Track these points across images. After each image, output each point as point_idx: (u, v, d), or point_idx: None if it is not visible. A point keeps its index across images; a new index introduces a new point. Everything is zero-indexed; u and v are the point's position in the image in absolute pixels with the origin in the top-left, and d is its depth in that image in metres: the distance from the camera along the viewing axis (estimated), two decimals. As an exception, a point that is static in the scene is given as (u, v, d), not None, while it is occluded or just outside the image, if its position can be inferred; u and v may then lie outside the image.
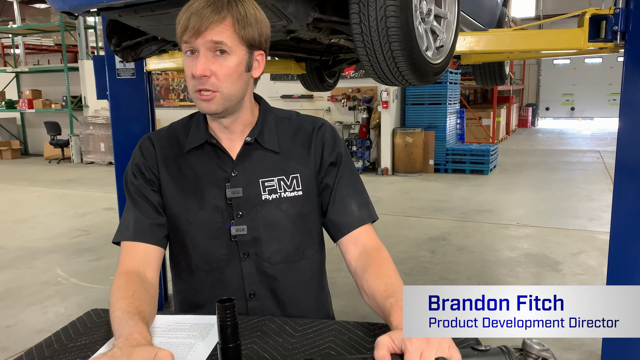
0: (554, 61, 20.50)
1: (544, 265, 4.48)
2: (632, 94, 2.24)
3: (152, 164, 1.18)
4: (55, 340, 0.98)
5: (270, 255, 1.16)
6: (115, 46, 2.31)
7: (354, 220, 1.17)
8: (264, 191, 1.16)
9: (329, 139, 1.22)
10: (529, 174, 9.32)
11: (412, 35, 1.66)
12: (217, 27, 1.02)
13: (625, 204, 2.33)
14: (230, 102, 1.10)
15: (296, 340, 0.96)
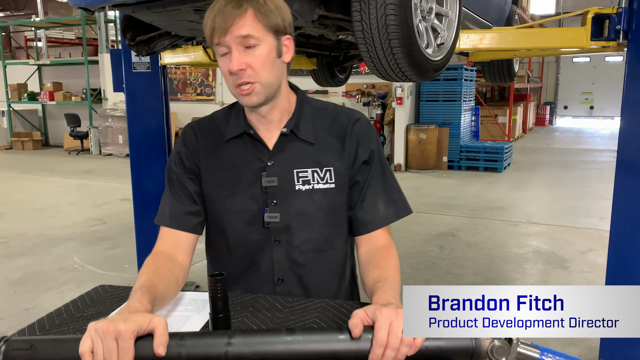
0: (574, 59, 20.22)
1: (552, 262, 4.50)
2: (633, 93, 2.27)
3: (193, 153, 1.23)
4: (64, 310, 1.07)
5: (300, 244, 1.21)
6: (130, 40, 2.41)
7: (378, 220, 1.21)
8: (298, 181, 1.19)
9: (364, 134, 1.24)
10: (544, 172, 9.27)
11: (412, 33, 1.72)
12: (241, 21, 1.05)
13: (625, 202, 2.36)
14: (270, 90, 1.14)
15: (284, 315, 1.04)
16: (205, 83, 12.49)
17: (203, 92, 12.52)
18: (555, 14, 18.34)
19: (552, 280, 4.08)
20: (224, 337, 0.82)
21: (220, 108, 1.31)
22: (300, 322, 0.99)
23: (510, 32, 2.33)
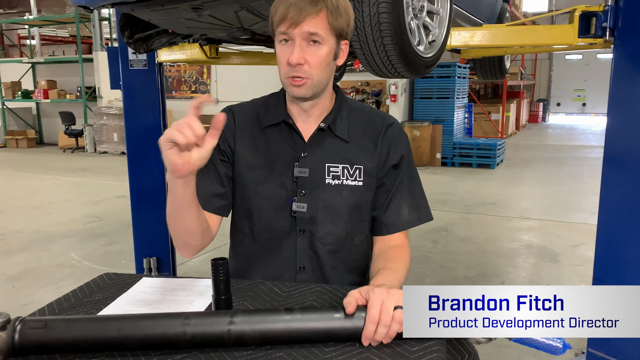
0: (566, 56, 20.36)
1: (543, 256, 4.57)
2: (619, 89, 2.33)
3: (228, 135, 1.27)
4: (72, 296, 1.12)
5: (323, 236, 1.25)
6: (128, 38, 2.45)
7: (401, 224, 1.27)
8: (328, 175, 1.24)
9: (397, 139, 1.29)
10: (536, 169, 9.36)
11: (404, 31, 1.78)
12: (314, 19, 1.09)
13: (612, 195, 2.44)
14: (318, 88, 1.19)
15: (282, 298, 1.09)
16: (200, 81, 12.50)
17: (198, 89, 12.53)
18: (548, 11, 18.46)
19: (543, 274, 4.15)
20: (226, 317, 0.88)
21: (215, 105, 1.34)
22: (297, 304, 1.05)
23: (500, 30, 2.39)
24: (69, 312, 1.05)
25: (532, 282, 3.99)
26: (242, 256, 1.29)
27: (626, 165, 2.37)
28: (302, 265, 1.27)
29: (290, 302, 1.06)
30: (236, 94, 11.89)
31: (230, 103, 1.37)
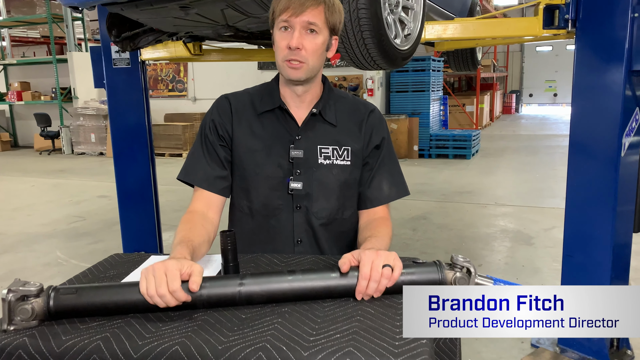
0: (537, 48, 20.84)
1: (518, 240, 4.78)
2: (582, 78, 2.50)
3: (226, 122, 1.39)
4: (88, 273, 1.22)
5: (318, 211, 1.38)
6: (115, 37, 2.53)
7: (382, 199, 1.41)
8: (320, 156, 1.37)
9: (378, 124, 1.44)
10: (510, 158, 9.64)
11: (381, 25, 1.91)
12: (313, 11, 1.23)
13: (578, 177, 2.61)
14: (312, 73, 1.31)
15: (281, 268, 1.22)
16: (177, 79, 12.47)
17: (175, 88, 12.50)
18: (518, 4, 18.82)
19: (518, 256, 4.35)
20: (236, 279, 0.99)
21: (192, 103, 1.46)
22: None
23: (470, 23, 2.54)
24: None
25: (508, 264, 4.18)
26: (241, 234, 1.40)
27: (590, 149, 2.54)
28: (299, 239, 1.39)
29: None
30: (213, 92, 11.88)
31: (208, 101, 1.49)
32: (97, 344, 0.87)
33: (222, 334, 0.88)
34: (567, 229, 2.69)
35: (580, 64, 2.50)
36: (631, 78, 2.42)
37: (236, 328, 0.90)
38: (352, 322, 0.91)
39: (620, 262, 2.63)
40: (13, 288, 0.93)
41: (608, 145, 2.44)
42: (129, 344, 0.87)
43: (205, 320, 0.94)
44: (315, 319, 0.93)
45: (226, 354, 0.83)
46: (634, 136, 2.49)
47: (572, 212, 2.66)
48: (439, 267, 1.03)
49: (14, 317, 0.92)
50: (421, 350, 0.80)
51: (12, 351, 0.88)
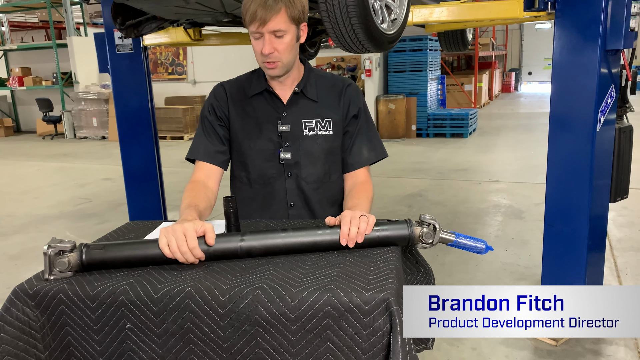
0: (536, 26, 20.76)
1: (509, 214, 4.97)
2: (560, 57, 2.65)
3: (222, 105, 1.59)
4: (109, 237, 1.40)
5: (307, 176, 1.57)
6: (120, 25, 2.68)
7: (362, 161, 1.59)
8: (305, 128, 1.56)
9: (354, 95, 1.62)
10: (507, 136, 9.78)
11: (368, 12, 2.06)
12: (276, 18, 1.38)
13: (557, 150, 2.78)
14: (288, 67, 1.51)
15: (276, 228, 1.40)
16: (176, 62, 12.57)
17: (174, 71, 12.60)
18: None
19: (508, 229, 4.55)
20: (238, 236, 1.18)
21: (192, 86, 1.66)
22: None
23: (455, 6, 2.68)
24: (109, 248, 1.33)
25: (498, 236, 4.38)
26: (241, 202, 1.58)
27: (568, 125, 2.71)
28: (292, 203, 1.59)
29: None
30: (213, 75, 12.00)
31: (207, 83, 1.71)
32: (123, 288, 1.06)
33: (226, 278, 1.07)
34: (547, 200, 2.86)
35: (559, 44, 2.65)
36: (606, 57, 2.57)
37: (238, 274, 1.09)
38: (334, 268, 1.10)
39: (597, 231, 2.81)
40: (52, 245, 1.11)
41: (584, 121, 2.60)
42: (150, 287, 1.05)
43: (213, 269, 1.12)
44: (304, 266, 1.12)
45: (230, 293, 1.02)
46: (609, 112, 2.65)
47: (552, 184, 2.83)
48: (408, 224, 1.21)
49: (53, 269, 1.10)
50: (387, 286, 0.99)
51: (54, 295, 1.07)
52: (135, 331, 1.06)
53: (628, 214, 4.70)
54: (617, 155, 2.77)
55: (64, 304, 1.07)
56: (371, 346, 0.98)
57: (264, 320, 1.00)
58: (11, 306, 1.08)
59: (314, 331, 0.99)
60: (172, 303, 1.03)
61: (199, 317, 1.03)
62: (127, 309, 1.05)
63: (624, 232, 4.28)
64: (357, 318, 0.98)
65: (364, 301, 0.97)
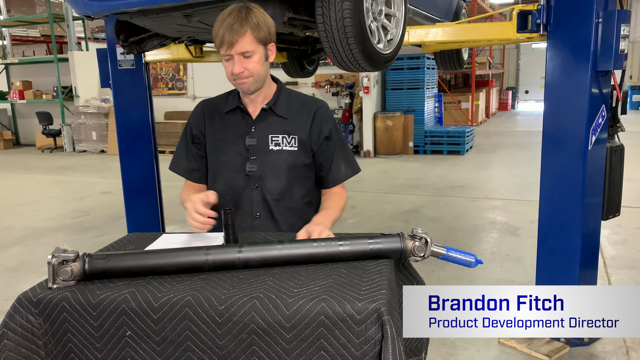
0: (533, 45, 21.00)
1: (505, 231, 5.01)
2: (552, 77, 2.72)
3: (199, 123, 1.73)
4: (111, 247, 1.44)
5: (271, 189, 1.66)
6: (123, 42, 2.74)
7: (341, 177, 1.71)
8: (271, 143, 1.65)
9: (326, 117, 1.70)
10: (504, 154, 9.86)
11: (365, 32, 2.13)
12: (243, 40, 1.48)
13: (549, 168, 2.83)
14: (259, 83, 1.60)
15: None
16: (176, 77, 12.67)
17: (175, 86, 12.70)
18: (514, 3, 19.02)
19: (503, 246, 4.58)
20: (236, 247, 1.22)
21: (192, 101, 1.78)
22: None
23: (450, 27, 2.76)
24: (110, 258, 1.37)
25: (494, 253, 4.41)
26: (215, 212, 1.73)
27: (560, 143, 2.77)
28: (258, 213, 1.68)
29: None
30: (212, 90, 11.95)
31: (207, 98, 1.80)
32: (125, 296, 1.10)
33: (224, 288, 1.11)
34: (541, 217, 2.91)
35: (552, 64, 2.72)
36: (597, 77, 2.64)
37: (236, 284, 1.13)
38: (328, 279, 1.14)
39: (589, 248, 2.85)
40: (56, 254, 1.15)
41: (576, 139, 2.67)
42: (150, 296, 1.09)
43: (211, 279, 1.16)
44: (299, 277, 1.16)
45: (228, 302, 1.06)
46: (601, 131, 2.72)
47: (545, 201, 2.89)
48: (401, 237, 1.25)
49: (57, 278, 1.14)
50: (379, 297, 1.03)
51: (57, 303, 1.11)
52: (135, 339, 1.09)
53: (621, 232, 4.74)
54: (608, 174, 2.82)
55: (66, 311, 1.11)
56: (363, 355, 1.01)
57: (260, 329, 1.04)
58: (15, 314, 1.12)
59: (308, 340, 1.03)
60: (172, 311, 1.07)
61: (197, 325, 1.06)
62: (127, 317, 1.09)
63: (618, 250, 4.32)
64: (349, 327, 1.01)
65: (356, 311, 1.01)
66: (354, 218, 5.62)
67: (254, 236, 1.49)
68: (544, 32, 2.70)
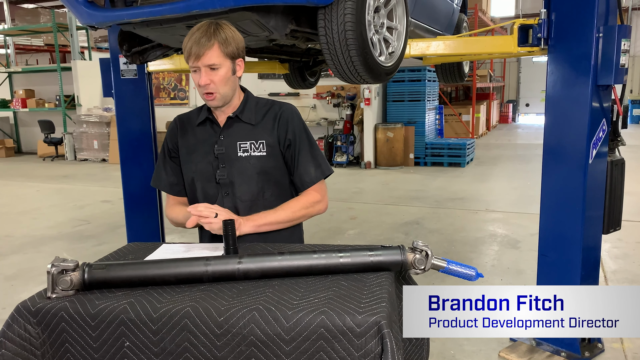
0: (534, 59, 21.10)
1: (505, 244, 5.00)
2: (553, 90, 2.73)
3: (173, 138, 1.77)
4: (111, 257, 1.44)
5: (241, 195, 1.68)
6: (126, 52, 2.76)
7: (310, 180, 1.69)
8: (240, 150, 1.67)
9: (290, 118, 1.71)
10: (504, 166, 9.87)
11: (366, 45, 2.14)
12: (209, 53, 1.53)
13: (550, 181, 2.83)
14: (226, 98, 1.64)
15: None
16: (178, 87, 12.73)
17: (177, 96, 12.76)
18: (515, 16, 19.16)
19: (504, 258, 4.57)
20: (236, 258, 1.22)
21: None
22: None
23: (451, 40, 2.77)
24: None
25: (494, 266, 4.40)
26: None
27: (561, 157, 2.77)
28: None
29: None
30: (214, 100, 12.11)
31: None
32: (123, 307, 1.09)
33: (224, 299, 1.10)
34: (541, 230, 2.91)
35: (552, 78, 2.73)
36: (598, 91, 2.65)
37: (235, 295, 1.13)
38: (328, 291, 1.13)
39: (590, 261, 2.84)
40: (55, 264, 1.15)
41: (577, 153, 2.67)
42: (149, 307, 1.09)
43: (210, 290, 1.16)
44: (299, 289, 1.15)
45: (227, 313, 1.05)
46: (601, 145, 2.72)
47: (546, 214, 2.88)
48: (402, 250, 1.25)
49: (56, 287, 1.14)
50: (379, 310, 1.02)
51: (56, 312, 1.10)
52: (133, 349, 1.08)
53: (622, 246, 4.73)
54: (609, 188, 2.82)
55: (65, 321, 1.11)
56: (362, 368, 1.01)
57: (259, 341, 1.03)
58: (13, 323, 1.12)
59: (307, 352, 1.02)
60: (171, 322, 1.07)
61: (196, 336, 1.06)
62: (126, 327, 1.08)
63: (619, 264, 4.31)
64: (349, 340, 1.01)
65: (356, 324, 1.01)
66: (354, 229, 5.61)
67: (254, 247, 1.49)
68: (545, 46, 2.71)
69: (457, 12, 4.00)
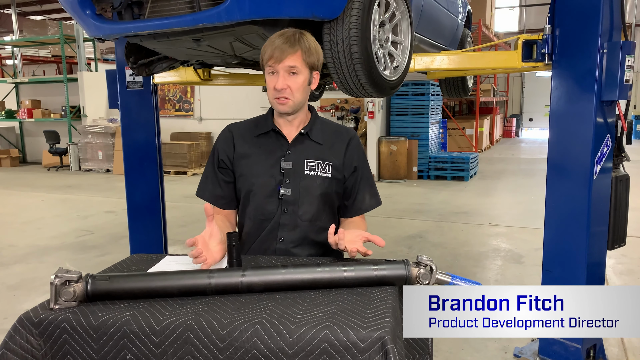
0: (537, 74, 21.16)
1: (509, 258, 4.97)
2: (557, 106, 2.73)
3: (227, 148, 1.69)
4: (114, 268, 1.44)
5: (303, 214, 1.64)
6: (133, 64, 2.78)
7: (364, 208, 1.71)
8: (307, 168, 1.64)
9: (357, 148, 1.73)
10: (507, 180, 9.85)
11: (371, 59, 2.15)
12: (292, 57, 1.52)
13: (554, 196, 2.82)
14: (298, 106, 1.62)
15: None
16: (183, 99, 12.80)
17: (182, 108, 12.83)
18: (518, 32, 19.28)
19: (508, 273, 4.54)
20: (239, 271, 1.21)
21: (198, 122, 1.78)
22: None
23: (456, 55, 2.79)
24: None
25: (498, 281, 4.37)
26: (242, 233, 1.70)
27: (565, 172, 2.76)
28: (282, 237, 1.65)
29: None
30: (218, 112, 12.21)
31: (213, 121, 1.83)
32: (126, 319, 1.09)
33: (227, 312, 1.10)
34: (545, 245, 2.89)
35: (556, 94, 2.74)
36: (602, 107, 2.65)
37: (238, 309, 1.12)
38: (332, 305, 1.13)
39: (595, 277, 2.82)
40: (58, 275, 1.14)
41: (581, 168, 2.66)
42: (152, 319, 1.08)
43: (213, 303, 1.15)
44: (303, 302, 1.15)
45: (230, 327, 1.05)
46: (606, 161, 2.71)
47: (550, 230, 2.87)
48: (406, 264, 1.24)
49: (59, 298, 1.14)
50: (384, 325, 1.01)
51: (58, 324, 1.10)
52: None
53: (627, 262, 4.70)
54: (614, 203, 2.81)
55: (67, 333, 1.10)
56: (366, 384, 1.00)
57: (262, 355, 1.03)
58: (15, 334, 1.11)
59: (310, 367, 1.02)
60: (173, 335, 1.06)
61: (198, 350, 1.05)
62: (128, 339, 1.08)
63: (624, 280, 4.27)
64: (353, 356, 1.00)
65: (360, 339, 1.00)
66: (357, 242, 5.58)
67: (256, 259, 1.48)
68: (549, 62, 2.72)
69: (461, 27, 4.03)
